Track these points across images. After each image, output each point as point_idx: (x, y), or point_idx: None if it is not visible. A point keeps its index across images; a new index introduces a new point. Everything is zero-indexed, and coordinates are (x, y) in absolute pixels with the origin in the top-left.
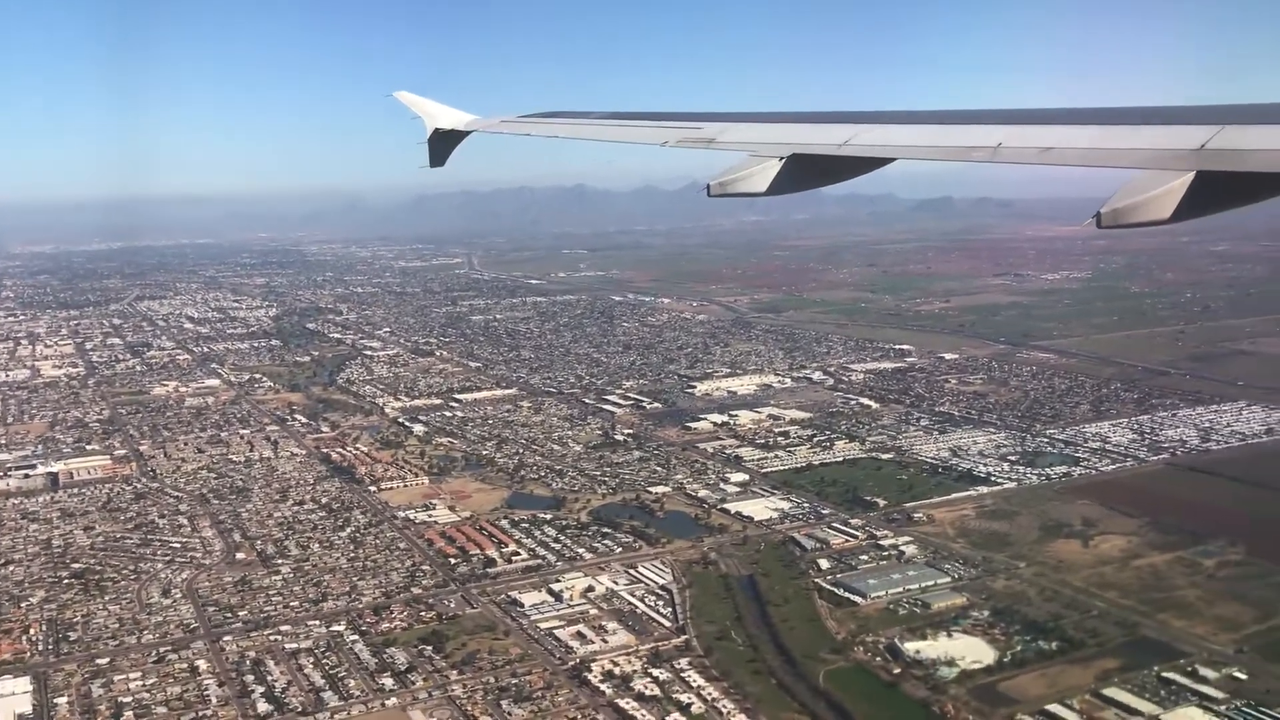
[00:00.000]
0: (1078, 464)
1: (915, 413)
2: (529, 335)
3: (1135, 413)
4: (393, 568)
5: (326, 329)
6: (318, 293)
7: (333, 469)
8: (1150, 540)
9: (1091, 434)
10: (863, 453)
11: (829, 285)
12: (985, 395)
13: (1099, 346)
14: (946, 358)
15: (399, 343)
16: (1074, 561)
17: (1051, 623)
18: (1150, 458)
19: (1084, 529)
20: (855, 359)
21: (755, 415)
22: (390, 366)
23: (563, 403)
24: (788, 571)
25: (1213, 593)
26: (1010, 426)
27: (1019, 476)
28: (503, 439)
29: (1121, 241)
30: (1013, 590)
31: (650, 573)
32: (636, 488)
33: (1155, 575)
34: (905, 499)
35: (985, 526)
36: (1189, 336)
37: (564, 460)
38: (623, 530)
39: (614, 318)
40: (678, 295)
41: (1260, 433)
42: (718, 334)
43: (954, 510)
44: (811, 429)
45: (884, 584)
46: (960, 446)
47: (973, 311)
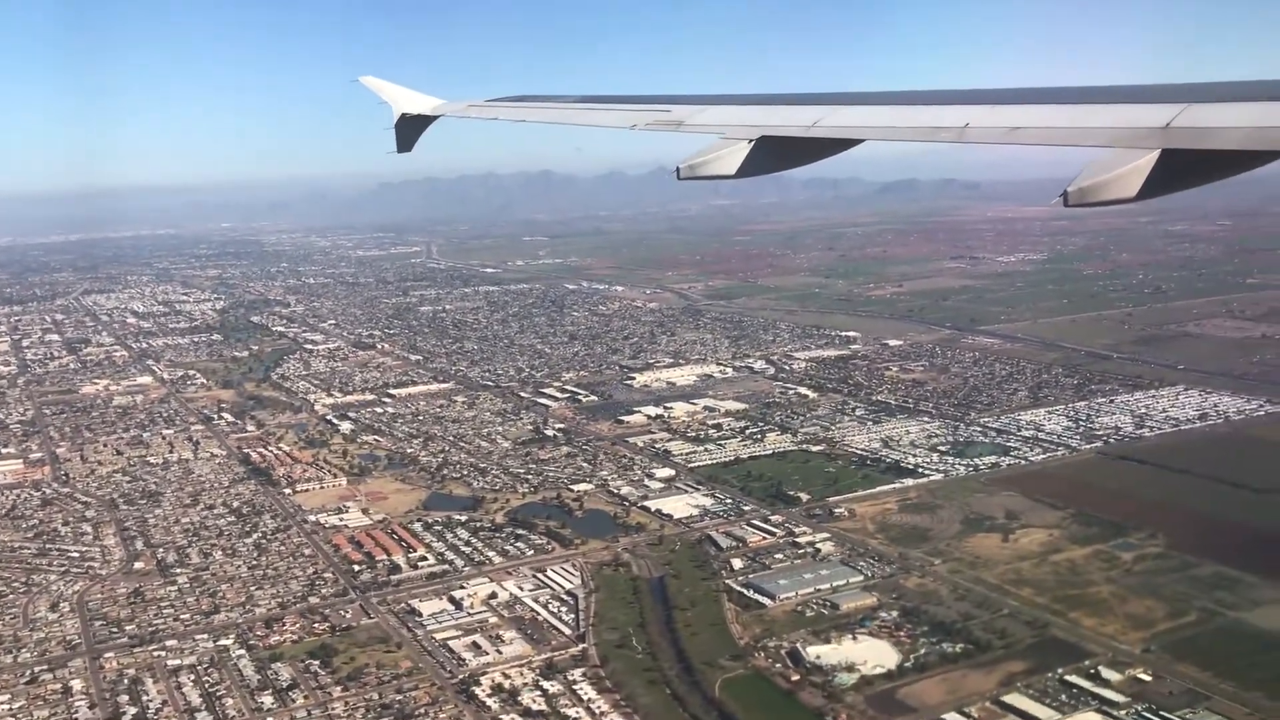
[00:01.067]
0: (1008, 454)
1: (852, 402)
2: (475, 326)
3: (1073, 399)
4: (294, 576)
5: (271, 322)
6: (269, 284)
7: (250, 470)
8: (1071, 533)
9: (1026, 422)
10: (794, 445)
11: (785, 271)
12: (924, 383)
13: (1045, 330)
14: (891, 344)
15: (342, 336)
16: (991, 557)
17: (960, 623)
18: (1082, 446)
19: (1006, 522)
20: (800, 347)
21: (691, 407)
22: (329, 361)
23: (498, 397)
24: (700, 572)
25: (1127, 588)
26: (945, 415)
27: (947, 467)
28: (430, 436)
29: (1080, 222)
30: (925, 589)
31: (558, 577)
32: (559, 486)
33: (1072, 571)
34: (829, 493)
35: (906, 521)
36: (1136, 319)
37: (490, 458)
38: (538, 532)
39: (564, 307)
40: (632, 283)
41: (1194, 418)
42: (666, 323)
43: (877, 504)
44: (745, 420)
45: (795, 584)
46: (892, 437)
47: (924, 296)
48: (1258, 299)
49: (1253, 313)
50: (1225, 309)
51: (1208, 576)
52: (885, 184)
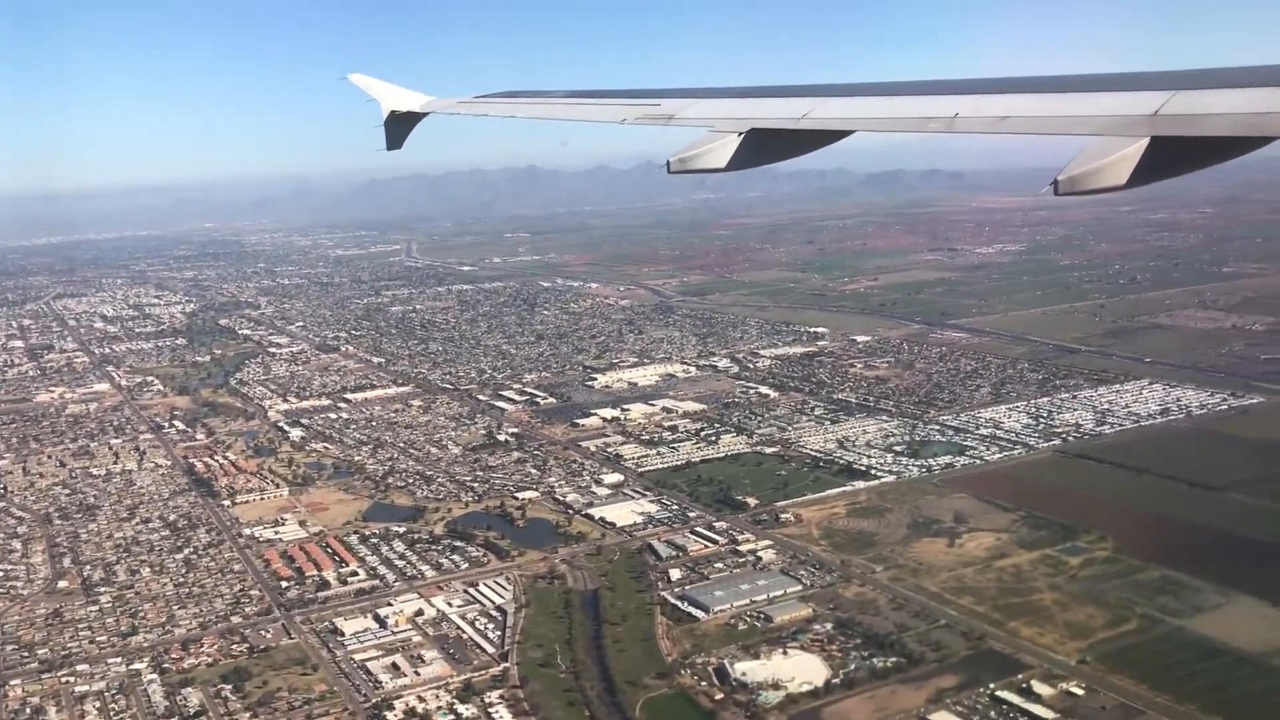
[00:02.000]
0: (963, 453)
1: (812, 401)
2: (443, 326)
3: (1036, 395)
4: (219, 594)
5: (239, 325)
6: (243, 286)
7: (193, 481)
8: (1020, 537)
9: (986, 420)
10: (748, 447)
11: (762, 265)
12: (887, 380)
13: (1015, 324)
14: (858, 340)
15: (308, 338)
16: (935, 563)
17: (894, 635)
18: (1040, 445)
19: (953, 526)
20: (767, 344)
21: (649, 409)
22: (290, 364)
23: (456, 400)
24: (636, 584)
25: (1070, 595)
26: (904, 414)
27: (901, 469)
28: (380, 443)
29: (1061, 212)
30: (863, 598)
31: (490, 591)
32: (504, 494)
33: (1016, 577)
34: (778, 498)
35: (852, 526)
36: (1108, 311)
37: (438, 465)
38: (476, 543)
39: (536, 305)
40: (608, 279)
41: (1155, 413)
42: (636, 320)
43: (825, 509)
44: (702, 422)
45: (730, 596)
46: (849, 437)
47: (898, 290)
48: (1231, 288)
49: (1225, 302)
50: (1198, 299)
51: (1153, 581)
52: (870, 175)
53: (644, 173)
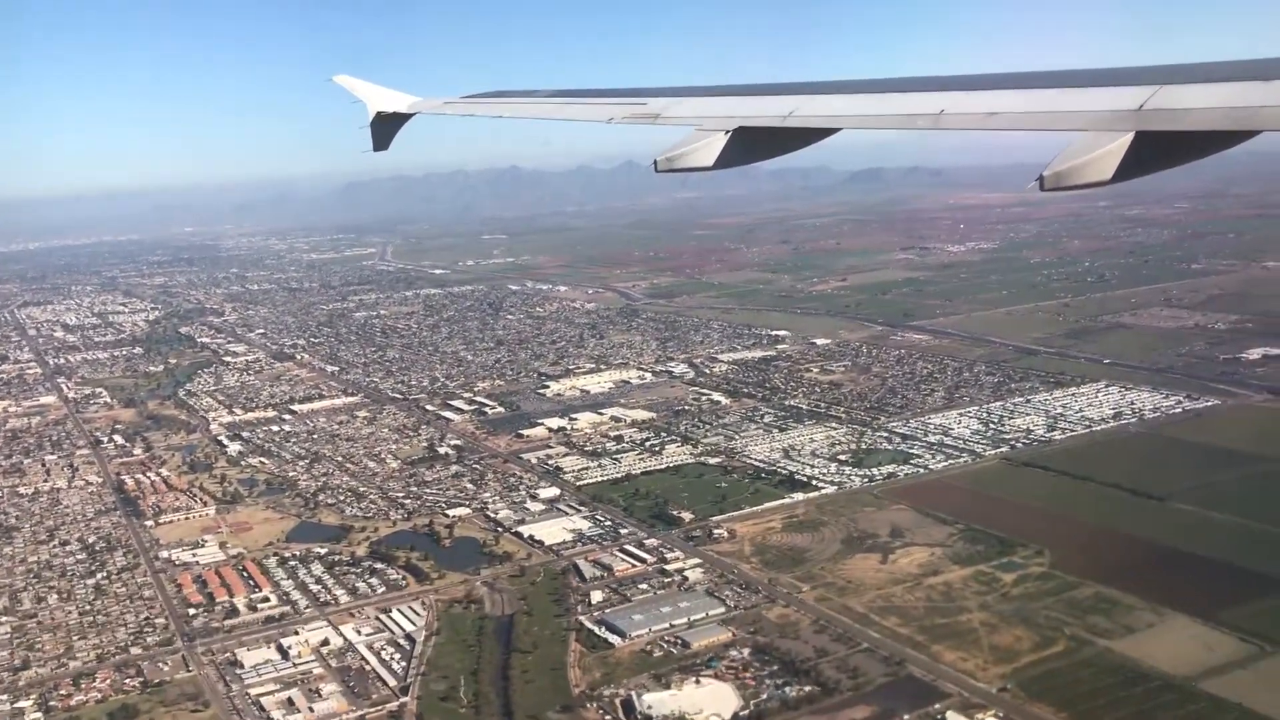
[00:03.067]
0: (908, 462)
1: (764, 408)
2: (404, 333)
3: (989, 399)
4: (124, 622)
5: (199, 333)
6: (211, 292)
7: (121, 500)
8: (955, 552)
9: (935, 426)
10: (692, 457)
11: (734, 266)
12: (841, 385)
13: (977, 324)
14: (818, 343)
15: (266, 346)
16: (865, 581)
17: (812, 661)
18: (987, 452)
19: (888, 541)
20: (727, 348)
21: (597, 418)
22: (243, 374)
23: (403, 410)
24: (555, 608)
25: (1000, 615)
26: (854, 420)
27: (843, 479)
28: (318, 457)
29: (1037, 209)
30: (786, 621)
31: (402, 618)
32: (435, 511)
33: (947, 595)
34: (714, 512)
35: (786, 541)
36: (1072, 310)
37: (372, 480)
38: (397, 565)
39: (501, 309)
40: (578, 282)
41: (1108, 417)
42: (599, 325)
43: (760, 523)
44: (649, 431)
45: (649, 620)
46: (795, 446)
47: (865, 290)
48: (1198, 286)
49: (1190, 301)
50: (1164, 297)
51: (1087, 599)
52: (852, 173)
53: (627, 172)
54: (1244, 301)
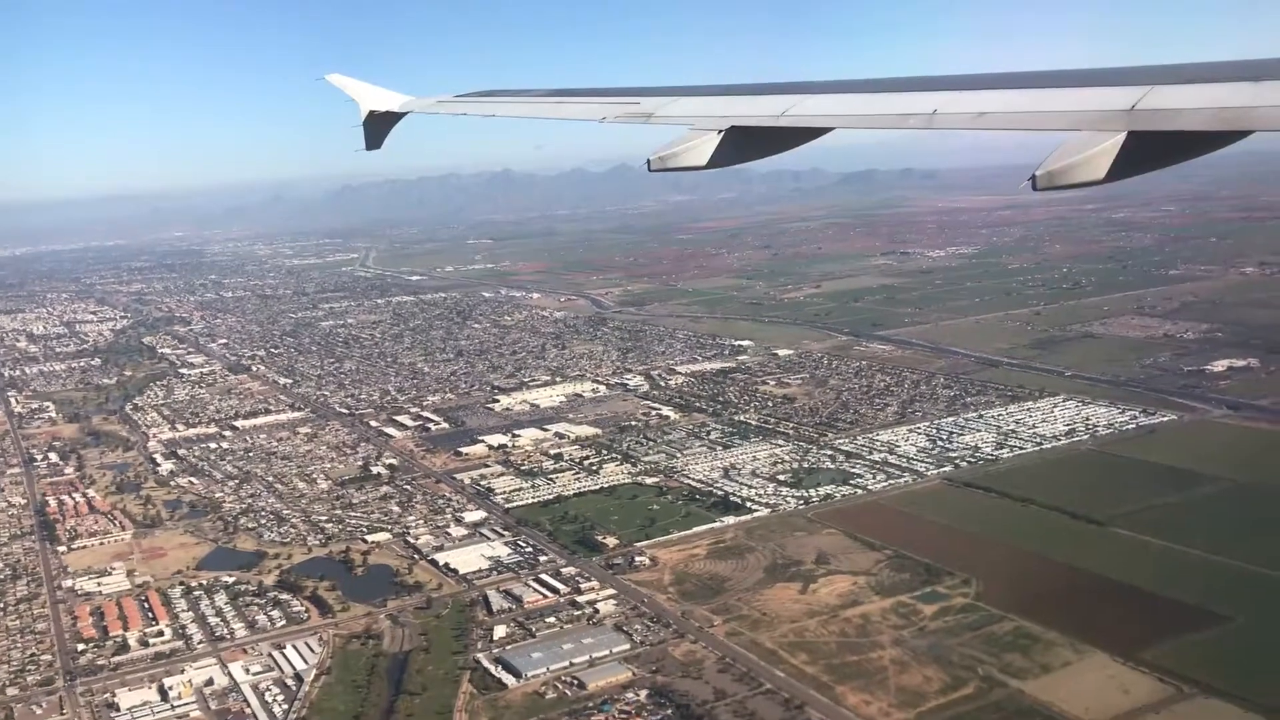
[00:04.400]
0: (848, 482)
1: (712, 424)
2: (366, 343)
3: (942, 414)
4: (8, 659)
5: (162, 343)
6: (184, 299)
7: (40, 523)
8: (879, 581)
9: (883, 443)
10: (630, 477)
11: (712, 272)
12: (795, 399)
13: (943, 334)
14: (780, 354)
15: (225, 357)
16: (781, 614)
17: (710, 705)
18: (930, 471)
19: (813, 569)
20: (688, 359)
21: (540, 434)
22: (195, 387)
23: (346, 426)
24: (456, 644)
25: (913, 652)
26: (802, 437)
27: (779, 501)
28: (250, 476)
29: (1023, 212)
30: (691, 658)
31: (296, 655)
32: (356, 535)
33: (862, 630)
34: (640, 537)
35: (708, 569)
36: (1042, 319)
37: (299, 502)
38: (303, 595)
39: (469, 318)
40: (553, 288)
41: (1060, 434)
42: (564, 334)
43: (685, 549)
44: (591, 449)
45: (549, 658)
46: (737, 464)
47: (837, 298)
48: (1173, 292)
49: (1163, 308)
50: (1137, 305)
51: (1006, 635)
52: (845, 175)
53: (620, 175)
54: (1216, 309)
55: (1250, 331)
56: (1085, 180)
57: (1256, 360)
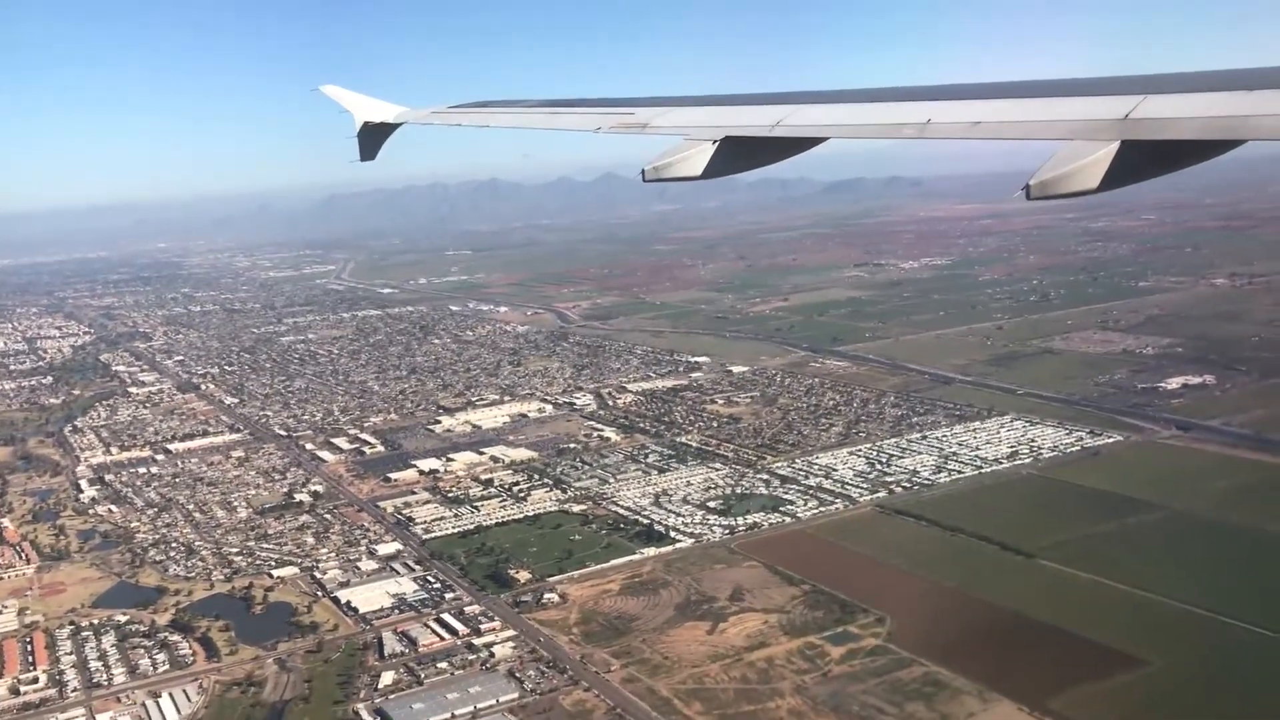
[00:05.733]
0: (778, 509)
1: (653, 446)
2: (321, 360)
3: (887, 435)
4: None
5: (118, 360)
6: (151, 314)
7: None
8: (791, 619)
9: (820, 466)
10: (557, 504)
11: (684, 284)
12: (740, 419)
13: (902, 349)
14: (735, 371)
15: (178, 375)
16: (684, 657)
17: None
18: (864, 497)
19: (725, 606)
20: (641, 377)
21: (475, 458)
22: (140, 407)
23: (281, 449)
24: (339, 692)
25: (813, 702)
26: (740, 460)
27: (705, 530)
28: (171, 504)
29: (1004, 221)
30: (581, 708)
31: (170, 704)
32: (263, 570)
33: (764, 675)
34: (555, 570)
35: (618, 607)
36: (1004, 333)
37: (214, 532)
38: (194, 636)
39: (431, 333)
40: (522, 302)
41: (1002, 457)
42: (523, 350)
43: (599, 584)
44: (524, 474)
45: (431, 709)
46: (669, 490)
47: (803, 311)
48: (1140, 305)
49: (1128, 322)
50: (1101, 319)
51: (913, 681)
52: (831, 184)
53: (606, 185)
54: (1180, 324)
55: (1211, 346)
56: (1079, 190)
57: (1213, 377)
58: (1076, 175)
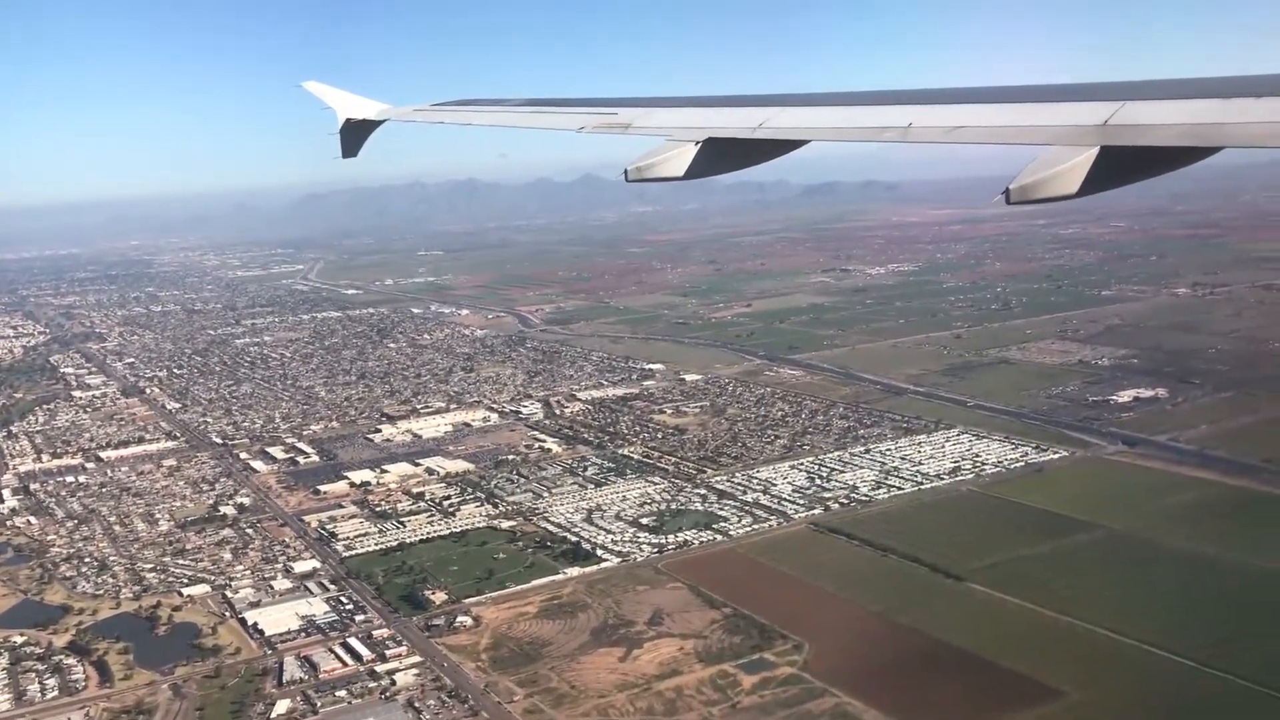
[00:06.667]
0: (710, 526)
1: (593, 458)
2: (271, 363)
3: (831, 448)
4: None
5: (67, 362)
6: (111, 314)
7: None
8: (708, 646)
9: (760, 481)
10: (486, 520)
11: (649, 288)
12: (685, 430)
13: (858, 358)
14: (688, 379)
15: (125, 378)
16: (592, 686)
17: None
18: (799, 514)
19: (643, 630)
20: (593, 384)
21: (410, 470)
22: (81, 412)
23: (215, 458)
24: None
25: None
26: (680, 474)
27: (633, 548)
28: (93, 515)
29: (974, 227)
30: None
31: None
32: (175, 587)
33: (671, 707)
34: (473, 591)
35: (531, 631)
36: (962, 342)
37: (132, 546)
38: (91, 659)
39: (388, 336)
40: (484, 305)
41: (944, 473)
42: (478, 355)
43: (516, 606)
44: (457, 487)
45: None
46: (603, 505)
47: (765, 317)
48: (1100, 315)
49: (1086, 332)
50: (1060, 329)
51: (822, 714)
52: (809, 187)
53: (585, 185)
54: (1138, 334)
55: (1167, 358)
56: (1058, 194)
57: (1165, 390)
58: (1056, 180)
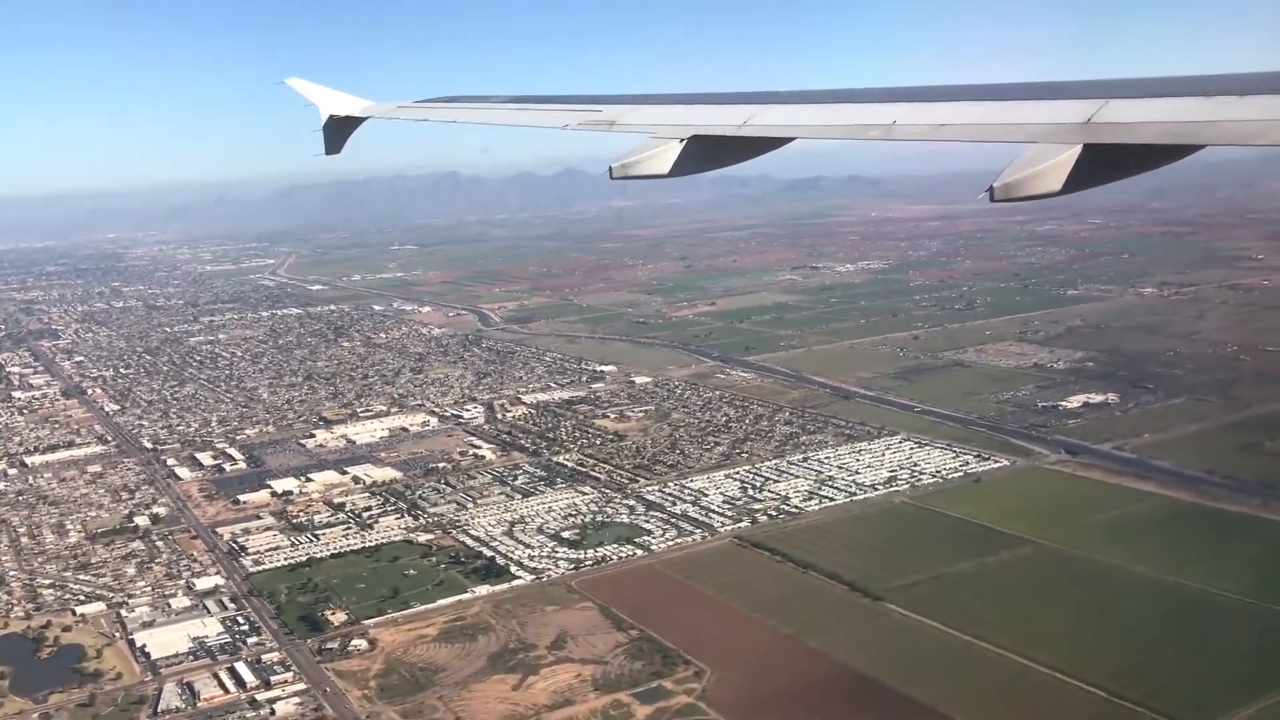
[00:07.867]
0: (632, 541)
1: (526, 466)
2: (220, 363)
3: (771, 455)
4: None
5: (16, 360)
6: (70, 309)
7: None
8: (609, 671)
9: (692, 491)
10: (404, 533)
11: (617, 285)
12: (625, 437)
13: (812, 360)
14: (637, 382)
15: (70, 377)
16: (480, 715)
17: None
18: (725, 527)
19: (543, 655)
20: (541, 386)
21: (336, 478)
22: (17, 414)
23: (141, 465)
24: None
25: None
26: (613, 483)
27: (548, 565)
28: (1, 526)
29: (950, 224)
30: None
31: None
32: (69, 605)
33: None
34: (375, 611)
35: (427, 656)
36: (919, 344)
37: (35, 560)
38: None
39: (344, 335)
40: (448, 302)
41: (880, 483)
42: (431, 355)
43: (417, 628)
44: (380, 497)
45: None
46: (527, 517)
47: (726, 316)
48: (1063, 315)
49: (1046, 334)
50: (1021, 330)
51: None
52: (791, 182)
53: (567, 180)
54: (1098, 336)
55: (1123, 362)
56: (1042, 192)
57: (1116, 395)
58: (1040, 178)
